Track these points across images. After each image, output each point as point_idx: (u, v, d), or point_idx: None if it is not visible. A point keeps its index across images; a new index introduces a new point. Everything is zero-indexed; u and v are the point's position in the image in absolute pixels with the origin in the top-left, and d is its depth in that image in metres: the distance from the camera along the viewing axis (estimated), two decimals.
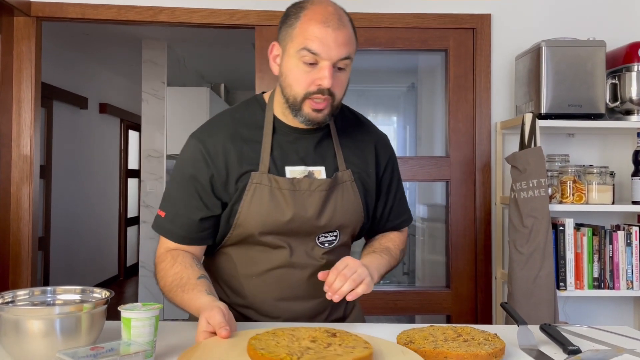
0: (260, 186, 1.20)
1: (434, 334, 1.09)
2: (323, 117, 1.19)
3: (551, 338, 1.14)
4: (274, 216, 1.20)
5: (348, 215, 1.26)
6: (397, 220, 1.40)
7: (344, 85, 1.19)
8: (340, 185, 1.25)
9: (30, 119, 2.58)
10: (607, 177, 2.36)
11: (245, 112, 1.28)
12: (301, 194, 1.21)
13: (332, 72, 1.14)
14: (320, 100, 1.16)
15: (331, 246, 1.27)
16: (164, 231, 1.25)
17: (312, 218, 1.22)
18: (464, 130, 2.68)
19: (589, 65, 2.34)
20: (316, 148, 1.26)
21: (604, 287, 2.34)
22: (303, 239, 1.24)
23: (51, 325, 0.94)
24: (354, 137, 1.32)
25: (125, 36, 4.64)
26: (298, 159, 1.24)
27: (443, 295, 2.67)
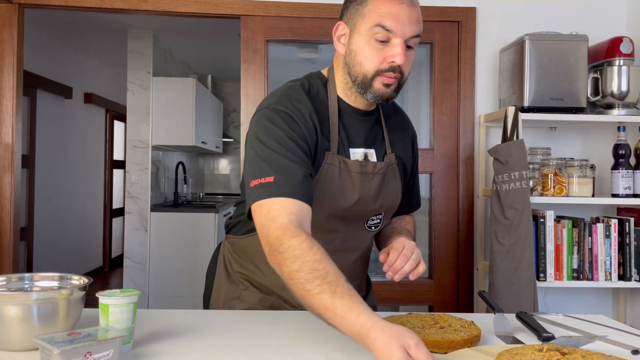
0: (332, 167, 1.19)
1: (412, 321, 1.11)
2: (391, 93, 1.18)
3: (527, 325, 1.16)
4: (340, 201, 1.20)
5: (393, 199, 1.31)
6: (412, 202, 1.44)
7: (411, 62, 1.19)
8: (389, 169, 1.29)
9: (12, 106, 2.55)
10: (587, 170, 2.39)
11: (313, 88, 1.24)
12: (366, 176, 1.24)
13: (405, 50, 1.14)
14: (393, 77, 1.15)
15: (377, 229, 1.31)
16: (282, 192, 1.06)
17: (371, 201, 1.25)
18: (448, 122, 2.70)
19: (572, 60, 2.37)
20: (371, 130, 1.28)
21: (583, 278, 2.38)
22: (356, 222, 1.27)
23: (28, 311, 0.94)
24: (397, 125, 1.35)
25: (111, 25, 4.59)
26: (359, 141, 1.25)
27: (426, 286, 2.69)
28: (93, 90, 6.12)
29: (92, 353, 0.86)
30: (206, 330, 1.13)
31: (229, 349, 1.02)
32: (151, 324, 1.16)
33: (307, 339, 1.08)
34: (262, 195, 1.06)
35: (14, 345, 0.95)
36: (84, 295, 1.03)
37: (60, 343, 0.86)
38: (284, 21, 2.67)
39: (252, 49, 2.67)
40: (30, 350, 0.95)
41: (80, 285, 1.02)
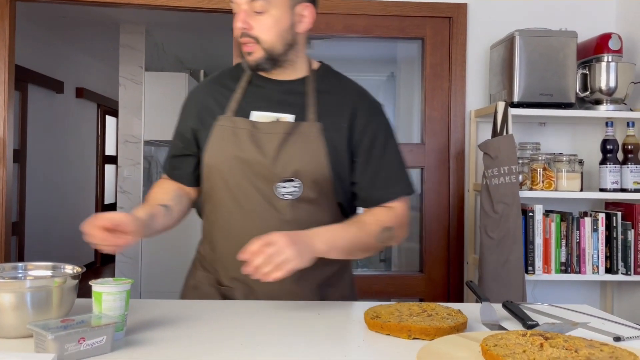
0: (223, 127, 1.28)
1: (400, 310, 1.13)
2: (255, 60, 1.25)
3: (512, 314, 1.19)
4: (233, 151, 1.26)
5: (308, 164, 1.24)
6: (383, 190, 1.31)
7: (267, 28, 1.24)
8: (304, 134, 1.26)
9: (3, 100, 2.55)
10: (576, 165, 2.42)
11: (233, 68, 1.39)
12: (261, 135, 1.26)
13: (246, 16, 1.23)
14: (247, 43, 1.24)
15: (293, 198, 1.25)
16: (163, 167, 1.44)
17: (268, 161, 1.24)
18: (439, 118, 2.72)
19: (561, 56, 2.39)
20: (286, 98, 1.30)
21: (571, 271, 2.41)
22: (264, 188, 1.25)
23: (22, 299, 0.95)
24: (335, 95, 1.32)
25: (103, 20, 4.58)
26: (266, 106, 1.30)
27: (416, 280, 2.72)
28: (85, 84, 6.10)
29: (85, 339, 0.87)
30: (197, 319, 1.14)
31: (220, 338, 1.04)
32: (144, 313, 1.17)
33: (296, 328, 1.10)
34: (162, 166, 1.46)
35: (8, 332, 0.96)
36: (76, 284, 1.05)
37: (55, 329, 0.87)
38: None
39: None
40: (24, 337, 0.97)
41: (73, 274, 1.04)
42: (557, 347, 0.82)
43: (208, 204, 1.35)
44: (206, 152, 1.29)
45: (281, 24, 1.24)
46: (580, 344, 0.84)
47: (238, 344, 1.00)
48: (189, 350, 0.96)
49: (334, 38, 2.80)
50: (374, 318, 1.08)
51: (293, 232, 1.14)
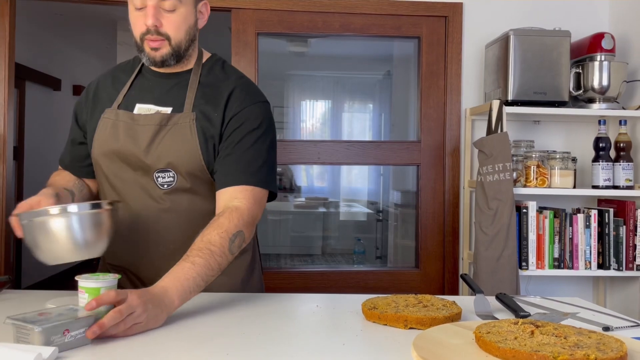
0: (107, 119, 1.33)
1: (396, 301, 1.16)
2: (161, 56, 1.28)
3: (505, 306, 1.23)
4: (110, 144, 1.30)
5: (179, 155, 1.26)
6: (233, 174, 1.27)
7: (177, 25, 1.27)
8: (178, 125, 1.27)
9: (4, 97, 2.57)
10: (569, 162, 2.46)
11: (128, 62, 1.43)
12: (137, 127, 1.29)
13: (156, 13, 1.24)
14: (154, 40, 1.26)
15: (170, 187, 1.28)
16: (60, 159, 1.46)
17: (141, 152, 1.28)
18: (435, 115, 2.76)
19: (555, 55, 2.43)
20: (170, 91, 1.34)
21: (564, 267, 2.45)
22: (142, 178, 1.29)
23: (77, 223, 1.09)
24: (214, 86, 1.34)
25: (100, 17, 4.59)
26: (150, 98, 1.33)
27: (412, 275, 2.76)
28: (82, 82, 6.11)
29: (69, 330, 0.90)
30: (190, 310, 1.17)
31: (219, 329, 1.07)
32: None
33: (295, 319, 1.13)
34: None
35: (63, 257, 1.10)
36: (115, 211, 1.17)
37: (40, 322, 0.88)
38: (274, 14, 2.70)
39: (242, 42, 2.70)
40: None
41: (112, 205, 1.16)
42: (547, 334, 0.86)
43: (101, 192, 1.39)
44: (92, 144, 1.33)
45: (188, 22, 1.29)
46: (569, 331, 0.88)
47: (239, 333, 1.03)
48: (180, 344, 0.99)
49: (331, 37, 2.83)
50: (371, 309, 1.11)
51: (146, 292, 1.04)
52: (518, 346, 0.81)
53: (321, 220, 5.08)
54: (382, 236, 4.38)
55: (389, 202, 4.22)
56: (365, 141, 3.88)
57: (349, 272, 2.77)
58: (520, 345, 0.81)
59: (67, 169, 1.43)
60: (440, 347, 0.85)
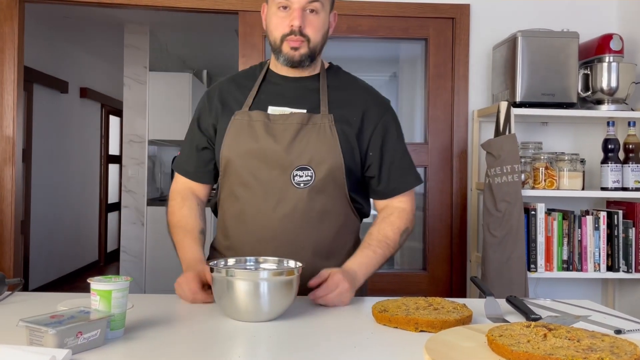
0: (240, 120, 1.35)
1: (407, 304, 1.16)
2: (300, 56, 1.33)
3: (516, 308, 1.22)
4: (248, 143, 1.33)
5: (322, 152, 1.31)
6: (398, 181, 1.41)
7: (318, 27, 1.33)
8: (317, 125, 1.33)
9: (13, 100, 2.59)
10: (577, 164, 2.45)
11: (249, 69, 1.48)
12: (276, 126, 1.33)
13: (302, 14, 1.30)
14: (295, 40, 1.31)
15: (307, 186, 1.32)
16: (176, 166, 1.48)
17: (282, 149, 1.31)
18: (442, 117, 2.75)
19: (563, 56, 2.42)
20: (302, 93, 1.38)
21: (573, 269, 2.44)
22: (278, 178, 1.32)
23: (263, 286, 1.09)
24: (345, 92, 1.41)
25: (107, 20, 4.62)
26: (282, 101, 1.37)
27: (420, 277, 2.75)
28: (89, 84, 6.14)
29: (82, 333, 0.90)
30: (202, 314, 1.17)
31: (230, 331, 1.07)
32: (144, 309, 1.20)
33: (307, 321, 1.14)
34: (174, 163, 1.50)
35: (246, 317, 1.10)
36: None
37: (53, 324, 0.88)
38: None
39: (250, 45, 2.71)
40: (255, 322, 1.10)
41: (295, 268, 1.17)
42: (560, 337, 0.86)
43: (223, 194, 1.40)
44: (224, 145, 1.35)
45: (325, 27, 1.36)
46: (582, 334, 0.87)
47: (251, 335, 1.03)
48: (192, 346, 0.99)
49: (337, 38, 2.83)
50: (381, 312, 1.11)
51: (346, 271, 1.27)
52: (531, 349, 0.81)
53: None
54: None
55: None
56: None
57: None
58: (534, 349, 0.81)
59: (190, 176, 1.44)
60: (452, 350, 0.85)
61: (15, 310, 1.18)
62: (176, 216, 1.41)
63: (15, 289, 1.28)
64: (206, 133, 1.41)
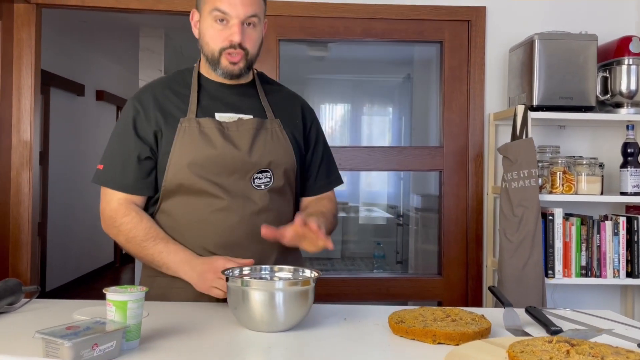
0: (190, 128, 1.33)
1: (424, 315, 1.14)
2: (239, 69, 1.35)
3: (535, 319, 1.20)
4: (204, 150, 1.32)
5: (279, 154, 1.37)
6: (326, 179, 1.52)
7: (255, 40, 1.35)
8: (269, 129, 1.39)
9: (30, 104, 2.61)
10: (596, 168, 2.41)
11: (177, 75, 1.45)
12: (231, 133, 1.35)
13: (242, 29, 1.31)
14: (235, 54, 1.32)
15: (266, 187, 1.36)
16: (106, 181, 1.37)
17: (243, 153, 1.34)
18: (458, 121, 2.73)
19: (581, 59, 2.39)
20: (243, 99, 1.41)
21: (591, 275, 2.40)
22: (238, 181, 1.33)
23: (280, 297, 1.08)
24: (280, 97, 1.48)
25: (123, 24, 4.65)
26: (227, 107, 1.39)
27: (435, 282, 2.73)
28: (104, 87, 6.19)
29: (98, 345, 0.90)
30: (214, 322, 1.17)
31: (244, 341, 1.06)
32: (159, 317, 1.20)
33: (322, 331, 1.13)
34: (96, 177, 1.39)
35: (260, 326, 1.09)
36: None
37: (68, 336, 0.88)
38: (295, 20, 2.70)
39: (264, 49, 2.69)
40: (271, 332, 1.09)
41: (311, 277, 1.17)
42: (583, 353, 0.84)
43: (170, 203, 1.35)
44: (173, 153, 1.32)
45: (261, 37, 1.38)
46: (606, 350, 0.85)
47: (266, 346, 1.02)
48: (210, 356, 0.99)
49: (351, 42, 2.82)
50: (398, 322, 1.10)
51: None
52: None
53: (340, 224, 5.07)
54: (403, 240, 4.35)
55: (409, 206, 4.19)
56: (387, 147, 3.85)
57: (371, 278, 2.76)
58: None
59: (130, 190, 1.34)
60: None
61: (32, 318, 1.18)
62: (140, 230, 1.31)
63: (32, 297, 1.29)
64: (146, 142, 1.34)
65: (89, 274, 6.00)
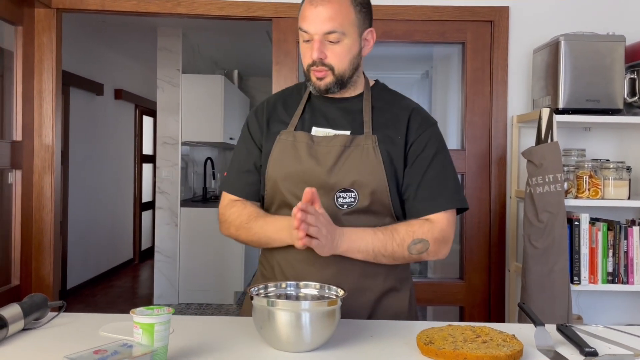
0: (285, 141, 1.35)
1: (453, 334, 1.12)
2: (325, 85, 1.33)
3: (568, 339, 1.17)
4: (292, 164, 1.32)
5: (365, 174, 1.30)
6: (426, 202, 1.33)
7: (341, 55, 1.31)
8: (360, 146, 1.32)
9: (51, 109, 2.63)
10: (623, 172, 2.36)
11: (293, 88, 1.48)
12: (319, 148, 1.32)
13: (322, 45, 1.29)
14: (319, 70, 1.31)
15: (350, 208, 1.30)
16: (224, 186, 1.43)
17: (325, 171, 1.30)
18: (480, 123, 2.68)
19: (608, 60, 2.33)
20: (345, 114, 1.38)
21: (618, 281, 2.35)
22: (322, 198, 1.28)
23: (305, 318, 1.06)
24: (389, 111, 1.39)
25: (141, 24, 4.66)
26: (326, 122, 1.37)
27: (457, 287, 2.70)
28: (123, 86, 6.23)
29: None
30: (242, 338, 1.16)
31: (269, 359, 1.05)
32: (185, 334, 1.19)
33: (349, 352, 1.11)
34: (220, 184, 1.46)
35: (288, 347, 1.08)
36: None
37: None
38: None
39: (283, 51, 2.69)
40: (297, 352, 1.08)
41: (337, 297, 1.14)
42: None
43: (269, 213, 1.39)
44: (269, 165, 1.35)
45: (352, 52, 1.32)
46: None
47: None
48: None
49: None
50: (427, 344, 1.08)
51: (334, 226, 1.24)
52: None
53: None
54: None
55: None
56: None
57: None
58: None
59: (240, 193, 1.40)
60: None
61: (58, 334, 1.18)
62: (244, 215, 1.35)
63: (59, 312, 1.29)
64: (256, 151, 1.41)
65: (109, 271, 6.06)
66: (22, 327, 1.16)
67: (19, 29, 2.51)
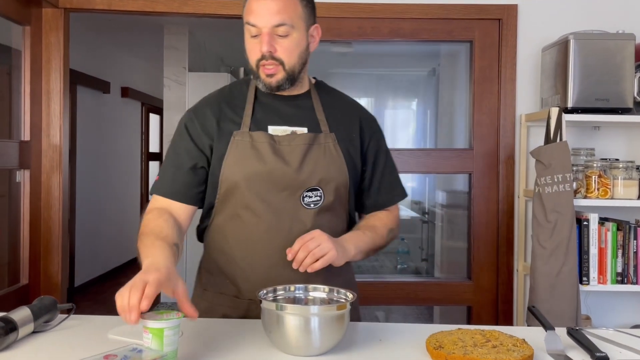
0: (242, 141, 1.31)
1: (463, 339, 1.12)
2: (277, 82, 1.31)
3: (578, 343, 1.16)
4: (255, 165, 1.29)
5: (330, 172, 1.32)
6: (388, 195, 1.46)
7: (290, 50, 1.29)
8: (322, 144, 1.34)
9: (59, 109, 2.63)
10: (633, 171, 2.34)
11: (234, 87, 1.43)
12: (282, 147, 1.31)
13: (271, 39, 1.27)
14: (269, 65, 1.29)
15: (316, 206, 1.32)
16: (154, 189, 1.36)
17: (293, 170, 1.30)
18: (488, 122, 2.67)
19: (618, 59, 2.31)
20: (298, 111, 1.37)
21: (627, 282, 2.34)
22: (287, 199, 1.30)
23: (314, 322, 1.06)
24: (338, 108, 1.42)
25: (148, 22, 4.66)
26: (280, 119, 1.35)
27: (464, 287, 2.69)
28: (130, 84, 6.24)
29: None
30: (249, 341, 1.16)
31: None
32: (192, 337, 1.19)
33: (357, 356, 1.11)
34: (151, 188, 1.37)
35: (298, 351, 1.07)
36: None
37: None
38: (322, 21, 2.62)
39: None
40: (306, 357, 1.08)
41: (348, 300, 1.14)
42: None
43: (221, 218, 1.34)
44: (225, 167, 1.30)
45: (301, 46, 1.31)
46: None
47: None
48: None
49: (379, 42, 2.77)
50: (437, 348, 1.07)
51: (327, 235, 1.24)
52: None
53: None
54: (428, 237, 4.30)
55: (434, 202, 4.14)
56: (414, 149, 3.77)
57: (399, 282, 2.73)
58: None
59: (177, 196, 1.32)
60: None
61: (68, 337, 1.19)
62: (149, 226, 1.25)
63: (68, 314, 1.29)
64: (204, 152, 1.33)
65: (117, 268, 6.09)
66: (32, 330, 1.17)
67: (26, 28, 2.52)
